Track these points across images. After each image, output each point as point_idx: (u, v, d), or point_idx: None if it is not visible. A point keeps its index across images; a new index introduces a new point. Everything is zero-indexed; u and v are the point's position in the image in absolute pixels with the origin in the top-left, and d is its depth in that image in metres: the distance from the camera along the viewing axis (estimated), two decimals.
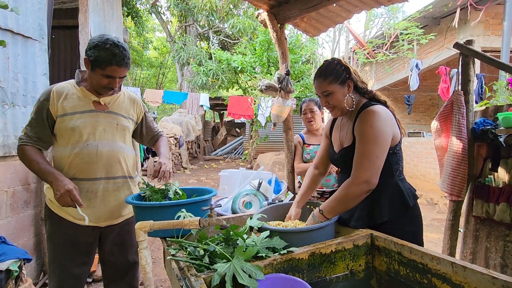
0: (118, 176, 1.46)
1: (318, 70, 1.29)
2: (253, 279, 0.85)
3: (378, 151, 1.12)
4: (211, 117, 18.71)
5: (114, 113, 1.46)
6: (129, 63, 1.37)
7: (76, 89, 1.42)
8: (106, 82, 1.35)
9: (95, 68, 1.32)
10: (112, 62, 1.29)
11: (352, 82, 1.26)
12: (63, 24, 4.62)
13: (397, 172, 1.26)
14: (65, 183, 1.25)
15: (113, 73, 1.33)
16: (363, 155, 1.14)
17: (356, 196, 1.13)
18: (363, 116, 1.18)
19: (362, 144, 1.15)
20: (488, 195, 1.86)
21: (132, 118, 1.56)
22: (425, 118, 10.23)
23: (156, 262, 3.10)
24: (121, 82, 1.44)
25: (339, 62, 1.26)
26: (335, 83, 1.24)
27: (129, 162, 1.52)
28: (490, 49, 5.74)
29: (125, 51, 1.32)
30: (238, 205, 1.76)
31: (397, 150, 1.24)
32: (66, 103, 1.38)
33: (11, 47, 2.21)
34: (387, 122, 1.16)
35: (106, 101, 1.45)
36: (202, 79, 10.03)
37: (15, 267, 1.76)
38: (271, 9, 2.36)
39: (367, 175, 1.11)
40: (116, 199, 1.46)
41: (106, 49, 1.28)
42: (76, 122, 1.36)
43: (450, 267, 0.91)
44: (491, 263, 1.85)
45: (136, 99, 1.60)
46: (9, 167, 2.23)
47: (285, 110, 2.41)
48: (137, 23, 10.61)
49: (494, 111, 1.97)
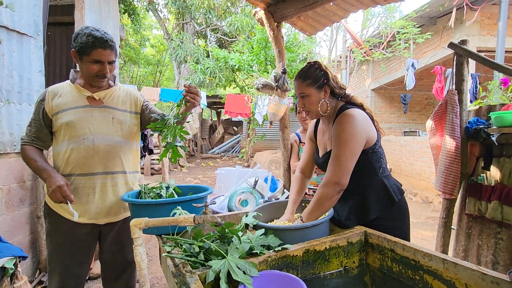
0: (116, 171, 1.45)
1: (299, 72, 1.34)
2: (248, 276, 0.86)
3: (348, 154, 1.17)
4: (208, 115, 18.68)
5: (109, 107, 1.45)
6: (114, 46, 1.36)
7: (70, 87, 1.43)
8: (96, 69, 1.35)
9: (82, 56, 1.33)
10: (96, 44, 1.29)
11: (329, 88, 1.29)
12: (59, 21, 4.57)
13: (380, 169, 1.29)
14: (57, 179, 1.27)
15: (100, 57, 1.32)
16: (334, 158, 1.19)
17: (329, 197, 1.17)
18: (338, 121, 1.23)
19: (334, 148, 1.21)
20: (481, 194, 1.89)
21: (130, 110, 1.52)
22: (421, 117, 10.30)
23: (152, 259, 3.11)
24: (113, 70, 1.42)
25: (319, 67, 1.30)
26: (312, 86, 1.28)
27: (128, 156, 1.50)
28: (485, 49, 5.79)
29: (106, 34, 1.32)
30: (234, 203, 1.77)
31: (376, 148, 1.28)
32: (60, 100, 1.39)
33: (6, 43, 2.19)
34: (360, 125, 1.20)
35: (100, 96, 1.45)
36: (199, 77, 10.00)
37: (11, 264, 1.75)
38: (268, 7, 2.36)
39: (337, 176, 1.16)
40: (114, 194, 1.44)
41: (87, 34, 1.29)
42: (70, 117, 1.37)
43: (441, 263, 0.93)
44: (482, 260, 1.88)
45: (132, 91, 1.57)
46: (4, 165, 2.21)
47: (281, 108, 2.41)
48: (134, 20, 10.53)
49: (487, 111, 1.99)
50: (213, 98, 12.88)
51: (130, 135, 1.52)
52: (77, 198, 1.38)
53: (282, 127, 2.49)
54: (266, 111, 6.12)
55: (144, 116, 1.57)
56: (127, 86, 1.62)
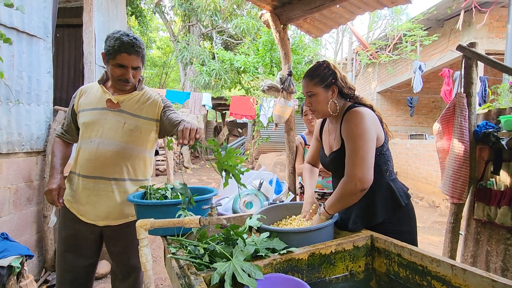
0: (114, 178, 1.42)
1: (307, 70, 1.33)
2: (252, 279, 0.85)
3: (366, 147, 1.14)
4: (213, 117, 18.74)
5: (124, 112, 1.44)
6: (141, 52, 1.35)
7: (97, 87, 1.47)
8: (119, 72, 1.35)
9: (108, 59, 1.34)
10: (121, 49, 1.29)
11: (337, 87, 1.28)
12: (67, 23, 4.64)
13: (387, 172, 1.27)
14: (53, 182, 1.37)
15: (124, 62, 1.32)
16: (352, 153, 1.15)
17: (353, 193, 1.14)
18: (348, 117, 1.21)
19: (350, 144, 1.17)
20: (490, 198, 1.85)
21: (146, 116, 1.48)
22: (427, 120, 10.19)
23: (156, 260, 3.11)
24: (137, 75, 1.41)
25: (327, 66, 1.29)
26: (319, 85, 1.27)
27: (135, 163, 1.48)
28: (494, 51, 5.72)
29: (135, 40, 1.32)
30: (239, 205, 1.77)
31: (384, 151, 1.26)
32: (84, 99, 1.46)
33: (16, 45, 2.23)
34: (370, 121, 1.18)
35: (119, 100, 1.43)
36: (204, 78, 10.05)
37: (17, 263, 1.77)
38: (274, 9, 2.36)
39: (359, 171, 1.12)
40: (112, 200, 1.42)
41: (116, 38, 1.30)
42: (87, 118, 1.42)
43: (449, 269, 0.91)
44: (492, 266, 1.85)
45: (152, 97, 1.51)
46: (12, 164, 2.24)
47: (287, 110, 2.41)
48: (140, 22, 10.64)
49: (497, 114, 1.96)
50: (218, 100, 12.92)
51: (142, 142, 1.49)
52: (79, 198, 1.42)
53: (288, 129, 2.48)
54: (271, 113, 6.11)
55: (162, 124, 1.51)
56: (154, 92, 1.56)
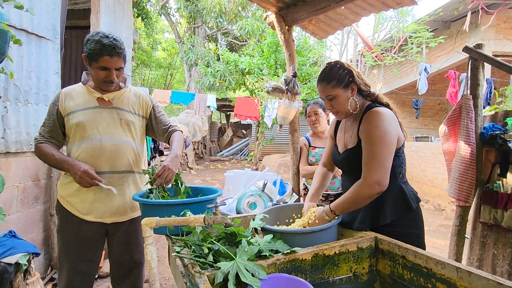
0: (122, 171, 1.47)
1: (321, 74, 1.29)
2: (256, 278, 0.86)
3: (385, 151, 1.13)
4: (217, 118, 18.80)
5: (118, 108, 1.48)
6: (122, 53, 1.37)
7: (82, 89, 1.48)
8: (103, 75, 1.38)
9: (91, 62, 1.36)
10: (103, 52, 1.31)
11: (356, 85, 1.26)
12: (75, 25, 4.72)
13: (400, 175, 1.26)
14: (80, 166, 1.33)
15: (107, 64, 1.34)
16: (371, 157, 1.14)
17: (368, 197, 1.14)
18: (368, 118, 1.19)
19: (369, 146, 1.16)
20: (496, 201, 1.83)
21: (138, 113, 1.56)
22: (433, 122, 10.10)
23: (160, 260, 3.13)
24: (121, 75, 1.44)
25: (342, 66, 1.26)
26: (338, 87, 1.24)
27: (136, 157, 1.53)
28: (501, 53, 5.65)
29: (115, 41, 1.33)
30: (242, 205, 1.77)
31: (400, 153, 1.25)
32: (72, 102, 1.44)
33: (25, 46, 2.27)
34: (391, 123, 1.17)
35: (110, 97, 1.48)
36: (209, 80, 10.09)
37: (24, 260, 1.80)
38: (279, 11, 2.37)
39: (377, 175, 1.11)
40: (121, 193, 1.46)
41: (96, 41, 1.31)
42: (80, 118, 1.42)
43: (455, 272, 0.90)
44: (498, 270, 1.82)
45: (141, 94, 1.60)
46: (20, 163, 2.28)
47: (291, 112, 2.41)
48: (146, 24, 10.76)
49: (504, 116, 1.94)
50: (222, 101, 12.97)
51: (137, 137, 1.55)
52: (85, 197, 1.42)
53: (292, 130, 2.49)
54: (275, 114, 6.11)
55: (148, 123, 1.61)
56: (138, 89, 1.65)
